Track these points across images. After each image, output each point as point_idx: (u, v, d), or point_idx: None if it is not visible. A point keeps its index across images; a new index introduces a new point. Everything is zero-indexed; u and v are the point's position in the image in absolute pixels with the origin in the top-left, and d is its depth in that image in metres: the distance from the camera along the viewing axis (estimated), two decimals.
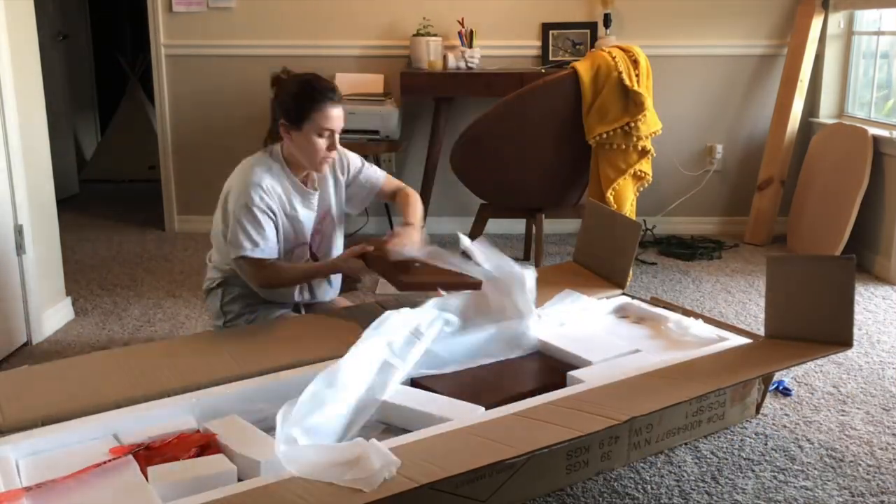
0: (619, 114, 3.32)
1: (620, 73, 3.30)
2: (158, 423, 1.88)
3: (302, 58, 4.36)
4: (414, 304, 2.24)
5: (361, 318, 2.28)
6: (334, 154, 2.41)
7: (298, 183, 2.43)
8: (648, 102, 3.33)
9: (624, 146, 3.35)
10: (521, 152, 3.47)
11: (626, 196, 3.44)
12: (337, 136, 2.39)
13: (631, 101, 3.31)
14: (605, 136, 3.34)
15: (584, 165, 3.49)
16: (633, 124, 3.31)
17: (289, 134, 2.36)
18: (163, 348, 2.37)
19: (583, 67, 3.35)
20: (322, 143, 2.35)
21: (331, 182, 2.52)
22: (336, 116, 2.36)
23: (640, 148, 3.36)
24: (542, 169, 3.51)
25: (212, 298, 2.54)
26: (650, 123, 3.36)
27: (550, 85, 3.39)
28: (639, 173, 3.44)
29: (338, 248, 2.61)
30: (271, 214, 2.34)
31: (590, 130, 3.37)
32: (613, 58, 3.32)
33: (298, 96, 2.34)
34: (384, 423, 1.99)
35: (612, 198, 3.39)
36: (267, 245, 2.34)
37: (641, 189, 3.52)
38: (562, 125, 3.42)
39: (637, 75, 3.33)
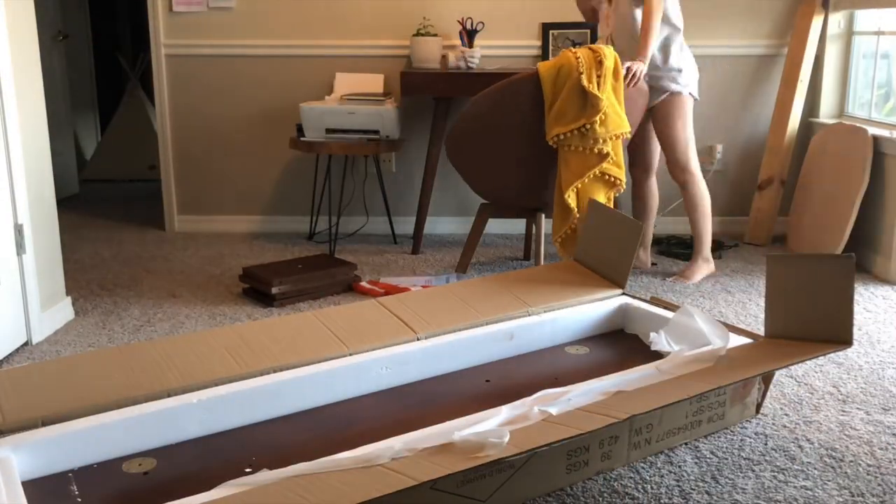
0: (576, 115, 3.25)
1: (581, 73, 3.23)
2: (162, 422, 1.88)
3: (302, 58, 4.36)
4: None
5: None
6: None
7: None
8: (606, 104, 3.23)
9: (581, 148, 3.27)
10: (498, 151, 3.44)
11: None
12: None
13: (588, 103, 3.24)
14: (562, 137, 3.27)
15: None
16: (588, 126, 3.23)
17: None
18: (163, 347, 2.37)
19: (545, 68, 3.30)
20: None
21: None
22: None
23: (597, 151, 3.27)
24: (521, 168, 3.47)
25: None
26: (610, 126, 3.25)
27: (513, 84, 3.35)
28: (608, 178, 3.32)
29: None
30: None
31: (549, 131, 3.31)
32: (578, 58, 3.26)
33: None
34: None
35: (571, 200, 3.31)
36: None
37: (617, 195, 3.41)
38: (530, 125, 3.37)
39: (599, 76, 3.25)
